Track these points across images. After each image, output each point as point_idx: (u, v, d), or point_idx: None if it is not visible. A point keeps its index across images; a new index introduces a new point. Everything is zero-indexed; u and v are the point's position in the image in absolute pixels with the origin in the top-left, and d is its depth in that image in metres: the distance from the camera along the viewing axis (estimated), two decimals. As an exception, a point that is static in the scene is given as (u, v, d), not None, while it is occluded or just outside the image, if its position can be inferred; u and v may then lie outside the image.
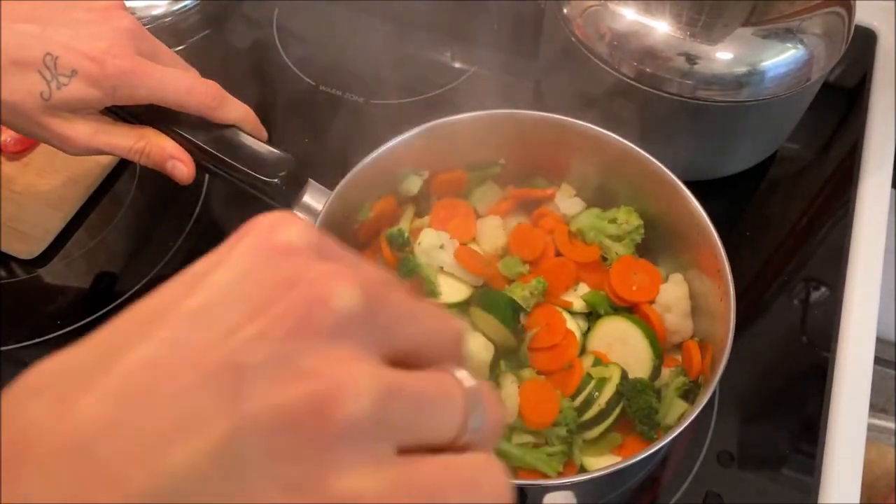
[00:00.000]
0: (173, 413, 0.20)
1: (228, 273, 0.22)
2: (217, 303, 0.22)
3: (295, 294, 0.21)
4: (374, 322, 0.22)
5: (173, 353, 0.21)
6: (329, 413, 0.20)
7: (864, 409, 0.65)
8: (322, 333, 0.21)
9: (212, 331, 0.21)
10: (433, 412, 0.23)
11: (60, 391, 0.21)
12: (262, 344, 0.21)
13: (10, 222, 0.70)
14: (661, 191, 0.61)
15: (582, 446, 0.57)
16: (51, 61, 0.50)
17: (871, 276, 0.72)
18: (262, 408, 0.20)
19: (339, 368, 0.21)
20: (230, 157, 0.56)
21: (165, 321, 0.21)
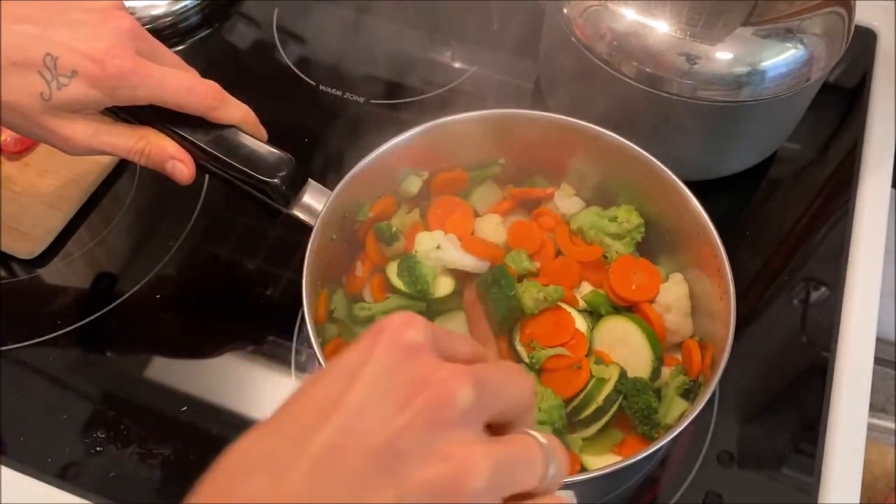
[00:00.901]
0: (353, 486, 0.27)
1: (375, 370, 0.30)
2: (371, 399, 0.29)
3: (429, 393, 0.29)
4: (481, 404, 0.30)
5: (347, 439, 0.28)
6: (461, 487, 0.28)
7: (864, 409, 0.65)
8: (451, 423, 0.29)
9: (372, 421, 0.28)
10: (526, 471, 0.31)
11: (271, 469, 0.28)
12: (409, 434, 0.28)
13: (10, 222, 0.70)
14: (661, 190, 0.61)
15: (582, 445, 0.57)
16: (51, 62, 0.50)
17: (871, 276, 0.72)
18: (415, 482, 0.28)
19: (464, 453, 0.29)
20: (230, 158, 0.56)
21: (336, 412, 0.29)
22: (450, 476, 0.28)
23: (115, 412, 0.62)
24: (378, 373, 0.30)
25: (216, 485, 0.29)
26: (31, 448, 0.60)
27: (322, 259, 0.57)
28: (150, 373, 0.65)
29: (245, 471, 0.29)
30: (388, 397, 0.29)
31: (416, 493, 0.28)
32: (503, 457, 0.30)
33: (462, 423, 0.29)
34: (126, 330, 0.68)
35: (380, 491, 0.27)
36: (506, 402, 0.32)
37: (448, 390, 0.29)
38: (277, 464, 0.28)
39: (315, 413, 0.29)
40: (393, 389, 0.29)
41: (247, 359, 0.66)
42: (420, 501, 0.28)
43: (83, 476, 0.59)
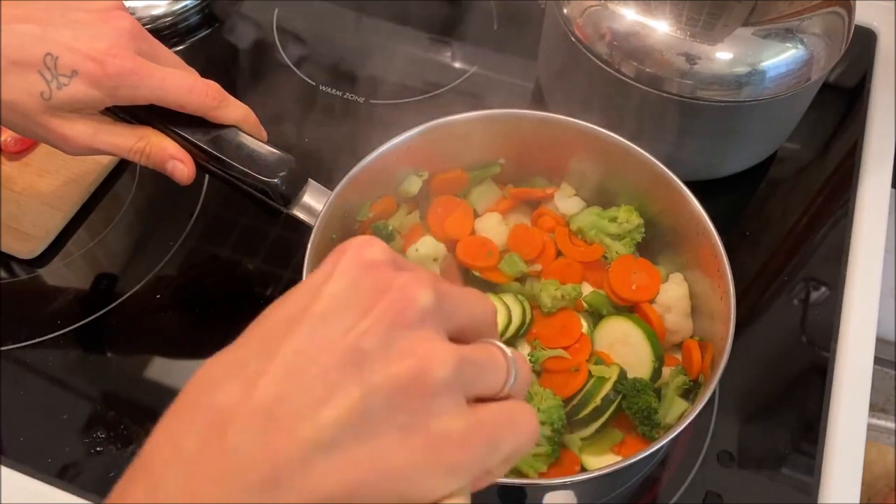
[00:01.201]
0: (321, 385, 0.29)
1: (338, 284, 0.31)
2: (336, 307, 0.30)
3: (389, 298, 0.30)
4: (441, 311, 0.31)
5: (314, 345, 0.29)
6: (425, 378, 0.29)
7: (864, 409, 0.65)
8: (412, 323, 0.30)
9: (337, 328, 0.30)
10: (489, 373, 0.32)
11: (243, 376, 0.29)
12: (373, 335, 0.29)
13: (10, 222, 0.70)
14: (661, 190, 0.61)
15: (581, 445, 0.57)
16: (51, 61, 0.50)
17: (871, 276, 0.72)
18: (380, 378, 0.29)
19: (427, 347, 0.30)
20: (230, 158, 0.56)
21: (303, 321, 0.30)
22: (414, 370, 0.29)
23: (115, 412, 0.62)
24: (341, 285, 0.31)
25: (188, 397, 0.30)
26: (31, 448, 0.60)
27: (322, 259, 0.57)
28: (150, 373, 0.65)
29: (215, 381, 0.30)
30: (351, 305, 0.30)
31: (382, 388, 0.29)
32: (466, 355, 0.31)
33: (423, 324, 0.30)
34: (126, 330, 0.68)
35: (346, 389, 0.29)
36: (466, 314, 0.33)
37: (409, 292, 0.31)
38: (246, 371, 0.29)
39: (282, 325, 0.31)
40: (355, 298, 0.31)
41: (247, 359, 0.66)
42: (386, 396, 0.29)
43: (83, 476, 0.59)
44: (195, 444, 0.28)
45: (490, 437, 0.31)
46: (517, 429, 0.32)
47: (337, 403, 0.28)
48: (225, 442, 0.28)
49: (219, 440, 0.28)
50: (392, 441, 0.29)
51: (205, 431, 0.29)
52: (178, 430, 0.30)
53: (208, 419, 0.29)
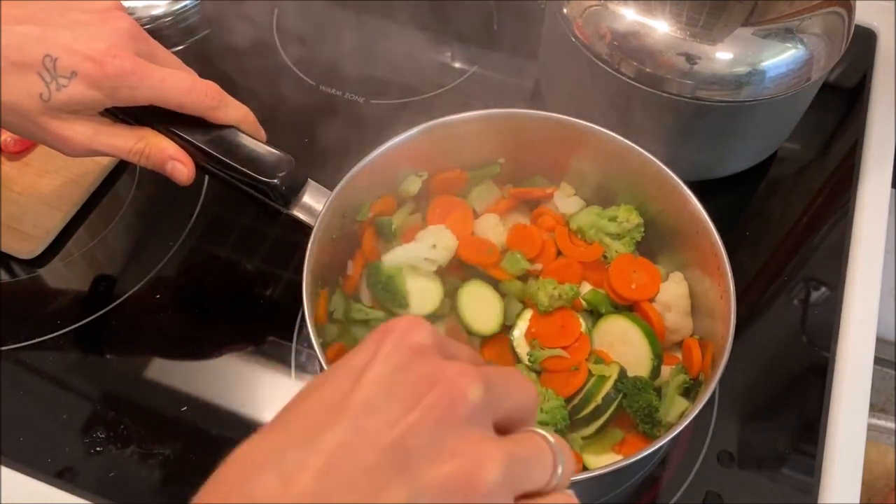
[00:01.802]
0: (366, 484, 0.27)
1: (383, 370, 0.30)
2: (380, 397, 0.29)
3: (437, 391, 0.29)
4: (489, 404, 0.30)
5: (357, 438, 0.28)
6: (475, 481, 0.28)
7: (864, 409, 0.65)
8: (461, 420, 0.29)
9: (382, 420, 0.28)
10: (536, 468, 0.31)
11: (281, 469, 0.28)
12: (420, 431, 0.28)
13: (10, 222, 0.70)
14: (662, 190, 0.61)
15: (582, 444, 0.57)
16: (50, 62, 0.50)
17: (871, 276, 0.72)
18: (428, 480, 0.28)
19: (476, 448, 0.29)
20: (229, 158, 0.56)
21: (346, 411, 0.29)
22: (463, 473, 0.28)
23: (114, 412, 0.62)
24: (385, 372, 0.30)
25: (223, 484, 0.29)
26: (31, 448, 0.60)
27: (322, 259, 0.57)
28: (149, 373, 0.65)
29: (253, 471, 0.28)
30: (396, 395, 0.29)
31: (430, 490, 0.28)
32: (515, 452, 0.30)
33: (472, 420, 0.29)
34: (126, 330, 0.68)
35: (392, 489, 0.27)
36: (512, 402, 0.32)
37: (458, 387, 0.29)
38: (286, 463, 0.28)
39: (322, 413, 0.29)
40: (401, 388, 0.29)
41: (247, 359, 0.66)
42: (433, 499, 0.27)
43: (83, 476, 0.59)
44: None
45: None
46: None
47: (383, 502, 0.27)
48: None
49: None
50: None
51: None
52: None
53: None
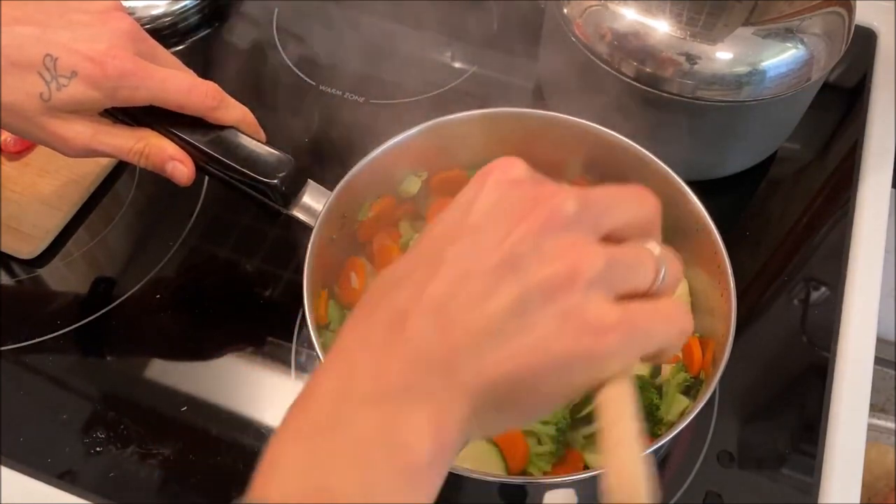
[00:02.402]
0: (484, 284, 0.32)
1: (488, 199, 0.35)
2: (489, 219, 0.34)
3: (537, 208, 0.33)
4: (588, 216, 0.34)
5: (474, 251, 0.33)
6: (577, 275, 0.32)
7: (864, 409, 0.65)
8: (560, 229, 0.33)
9: (493, 236, 0.33)
10: (637, 270, 0.34)
11: (412, 281, 0.34)
12: (525, 241, 0.33)
13: (10, 222, 0.70)
14: (662, 189, 0.61)
15: (584, 443, 0.57)
16: (50, 62, 0.50)
17: (871, 276, 0.72)
18: (535, 278, 0.32)
19: (576, 249, 0.33)
20: (229, 159, 0.56)
21: (462, 233, 0.34)
22: (565, 268, 0.32)
23: (114, 412, 0.62)
24: (491, 200, 0.34)
25: (367, 302, 0.35)
26: (30, 448, 0.60)
27: (322, 259, 0.57)
28: (149, 373, 0.65)
29: (390, 287, 0.34)
30: (502, 216, 0.34)
31: (538, 285, 0.32)
32: (615, 255, 0.33)
33: (571, 229, 0.33)
34: (126, 330, 0.68)
35: (507, 286, 0.32)
36: (617, 217, 0.35)
37: (555, 202, 0.33)
38: (416, 277, 0.34)
39: (442, 239, 0.34)
40: (506, 210, 0.34)
41: (247, 359, 0.66)
42: (542, 291, 0.32)
43: (83, 476, 0.59)
44: (379, 338, 0.33)
45: (643, 325, 0.33)
46: (669, 320, 0.34)
47: (500, 298, 0.32)
48: (405, 333, 0.32)
49: (400, 332, 0.32)
50: (551, 330, 0.32)
51: (387, 326, 0.33)
52: (362, 330, 0.34)
53: (388, 317, 0.33)
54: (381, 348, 0.33)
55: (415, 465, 0.31)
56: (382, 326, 0.33)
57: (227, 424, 0.62)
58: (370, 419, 0.32)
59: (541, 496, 0.48)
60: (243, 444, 0.61)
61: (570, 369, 0.32)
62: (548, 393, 0.33)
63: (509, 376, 0.32)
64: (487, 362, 0.32)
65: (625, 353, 0.33)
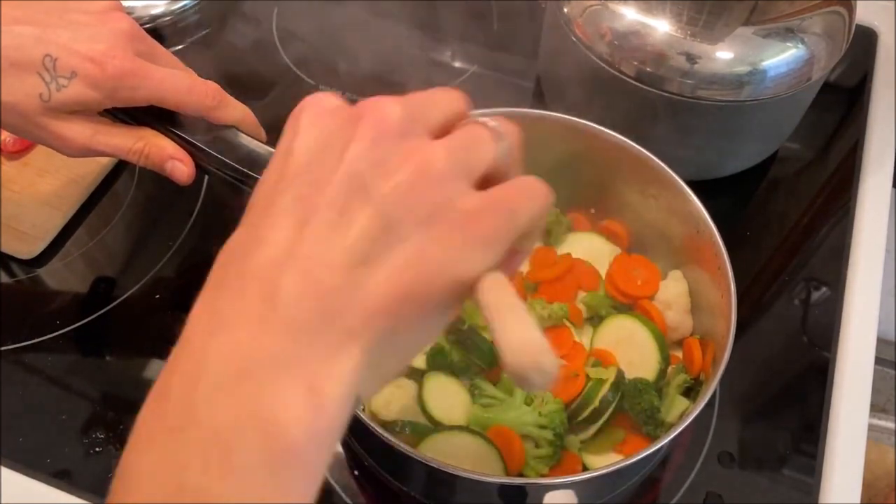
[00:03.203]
0: (335, 214, 0.30)
1: (308, 135, 0.32)
2: (315, 151, 0.32)
3: (363, 123, 0.32)
4: (415, 117, 0.33)
5: (311, 187, 0.31)
6: (427, 174, 0.31)
7: (864, 409, 0.65)
8: (394, 136, 0.31)
9: (326, 166, 0.31)
10: (477, 148, 0.33)
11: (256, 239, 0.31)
12: (362, 157, 0.31)
13: (10, 222, 0.70)
14: (661, 188, 0.61)
15: (582, 446, 0.57)
16: (50, 63, 0.50)
17: (871, 276, 0.72)
18: (387, 189, 0.30)
19: (417, 151, 0.31)
20: (229, 158, 0.56)
21: (290, 176, 0.32)
22: (413, 171, 0.31)
23: (114, 412, 0.62)
24: (311, 136, 0.32)
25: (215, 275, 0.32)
26: (30, 448, 0.60)
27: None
28: (149, 373, 0.65)
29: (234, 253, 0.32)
30: (330, 143, 0.32)
31: (391, 199, 0.30)
32: (453, 142, 0.32)
33: (404, 133, 0.32)
34: (126, 330, 0.68)
35: (360, 208, 0.30)
36: (440, 111, 0.34)
37: (379, 112, 0.32)
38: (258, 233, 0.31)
39: (271, 190, 0.32)
40: (329, 138, 0.32)
41: (246, 359, 0.66)
42: (398, 200, 0.30)
43: (82, 476, 0.59)
44: (232, 312, 0.30)
45: (506, 205, 0.32)
46: (529, 194, 0.34)
47: (356, 224, 0.30)
48: (261, 298, 0.29)
49: (255, 300, 0.29)
50: (420, 237, 0.30)
51: (236, 297, 0.30)
52: (209, 308, 0.31)
53: (237, 287, 0.30)
54: (234, 323, 0.29)
55: (288, 442, 0.28)
56: (231, 299, 0.30)
57: (226, 424, 0.62)
58: (228, 403, 0.28)
59: (541, 497, 0.48)
60: (243, 444, 0.61)
61: (452, 267, 0.30)
62: (438, 300, 0.31)
63: (396, 297, 0.30)
64: (368, 293, 0.29)
65: (498, 237, 0.32)
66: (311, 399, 0.28)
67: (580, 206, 0.68)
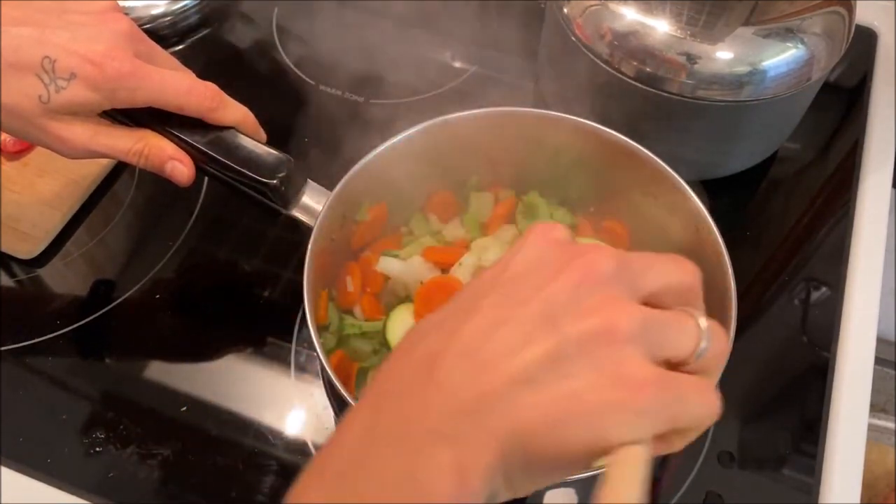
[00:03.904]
0: (520, 333, 0.32)
1: (528, 254, 0.35)
2: (527, 271, 0.34)
3: (576, 264, 0.34)
4: (626, 276, 0.34)
5: (510, 300, 0.33)
6: (613, 330, 0.32)
7: (864, 409, 0.65)
8: (598, 285, 0.33)
9: (530, 287, 0.33)
10: (676, 335, 0.34)
11: (443, 329, 0.34)
12: (562, 293, 0.33)
13: (10, 222, 0.70)
14: (662, 188, 0.61)
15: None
16: (49, 64, 0.50)
17: (871, 275, 0.72)
18: (571, 330, 0.32)
19: (613, 306, 0.33)
20: (229, 159, 0.56)
21: (498, 284, 0.34)
22: (602, 323, 0.32)
23: (114, 412, 0.62)
24: (530, 255, 0.35)
25: (400, 349, 0.36)
26: (30, 448, 0.60)
27: (322, 260, 0.57)
28: (149, 373, 0.65)
29: (423, 334, 0.35)
30: (541, 269, 0.34)
31: (573, 340, 0.32)
32: (653, 316, 0.33)
33: (608, 285, 0.33)
34: (126, 330, 0.68)
35: (543, 336, 0.32)
36: (656, 280, 0.35)
37: (593, 259, 0.34)
38: (450, 325, 0.34)
39: (478, 290, 0.35)
40: (544, 264, 0.34)
41: (246, 359, 0.66)
42: (578, 343, 0.32)
43: (83, 476, 0.59)
44: (409, 380, 0.33)
45: (677, 391, 0.32)
46: (704, 397, 0.33)
47: (535, 347, 0.32)
48: (434, 377, 0.32)
49: (428, 376, 0.32)
50: (586, 381, 0.31)
51: (416, 370, 0.33)
52: (394, 372, 0.35)
53: (419, 360, 0.33)
54: (410, 391, 0.33)
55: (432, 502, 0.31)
56: (412, 369, 0.34)
57: (227, 424, 0.62)
58: (393, 460, 0.31)
59: (541, 496, 0.48)
60: (243, 444, 0.61)
61: (601, 421, 0.31)
62: (577, 445, 0.32)
63: (540, 422, 0.31)
64: (519, 407, 0.31)
65: (657, 414, 0.32)
66: (458, 476, 0.31)
67: (580, 206, 0.68)
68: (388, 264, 0.61)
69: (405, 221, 0.67)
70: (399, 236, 0.66)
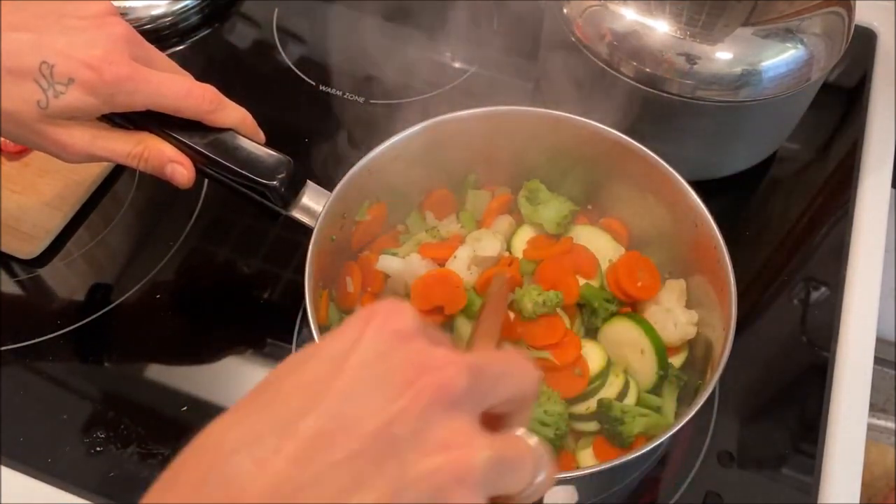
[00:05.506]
0: (347, 474, 0.26)
1: (365, 355, 0.29)
2: (363, 383, 0.28)
3: (425, 379, 0.28)
4: (477, 393, 0.29)
5: (339, 425, 0.27)
6: (463, 477, 0.27)
7: (864, 409, 0.65)
8: (447, 409, 0.28)
9: (365, 407, 0.27)
10: (517, 473, 0.30)
11: (255, 453, 0.27)
12: (406, 420, 0.27)
13: (10, 222, 0.70)
14: (663, 188, 0.61)
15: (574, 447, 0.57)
16: (47, 69, 0.50)
17: (871, 275, 0.72)
18: (415, 472, 0.27)
19: (462, 442, 0.28)
20: (228, 161, 0.56)
21: (327, 396, 0.27)
22: (452, 466, 0.27)
23: (114, 412, 0.62)
24: (369, 358, 0.28)
25: (195, 465, 0.28)
26: (31, 448, 0.60)
27: (322, 260, 0.57)
28: (149, 373, 0.65)
29: (226, 454, 0.27)
30: (380, 382, 0.28)
31: (416, 484, 0.27)
32: (500, 454, 0.29)
33: (460, 410, 0.28)
34: (126, 330, 0.68)
35: (376, 481, 0.26)
36: (503, 391, 0.31)
37: (447, 374, 0.28)
38: (260, 447, 0.27)
39: (301, 398, 0.28)
40: (385, 375, 0.28)
41: (247, 359, 0.66)
42: (418, 494, 0.27)
43: (83, 476, 0.59)
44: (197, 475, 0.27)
45: None
46: None
47: (367, 494, 0.26)
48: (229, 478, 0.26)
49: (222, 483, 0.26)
50: None
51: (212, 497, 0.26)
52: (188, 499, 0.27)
53: (219, 494, 0.26)
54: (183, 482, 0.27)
55: None
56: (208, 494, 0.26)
57: (227, 425, 0.62)
58: None
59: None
60: (243, 444, 0.61)
61: None
62: None
63: None
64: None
65: None
66: None
67: (580, 204, 0.68)
68: (387, 262, 0.61)
69: (402, 220, 0.67)
70: (396, 234, 0.66)
